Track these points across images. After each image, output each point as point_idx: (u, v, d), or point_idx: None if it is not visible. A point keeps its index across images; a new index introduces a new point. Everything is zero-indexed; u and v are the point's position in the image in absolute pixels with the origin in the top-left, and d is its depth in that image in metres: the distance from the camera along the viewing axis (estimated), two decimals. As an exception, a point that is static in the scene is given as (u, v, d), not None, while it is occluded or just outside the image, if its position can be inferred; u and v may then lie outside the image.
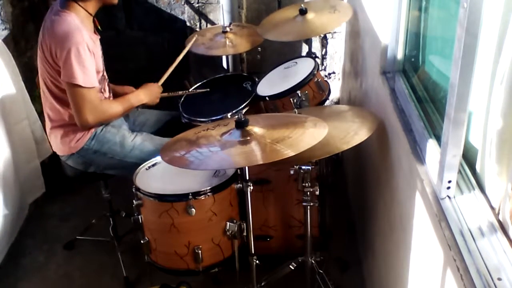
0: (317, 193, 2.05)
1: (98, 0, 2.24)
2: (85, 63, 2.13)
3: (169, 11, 3.39)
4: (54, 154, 2.49)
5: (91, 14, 2.25)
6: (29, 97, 2.89)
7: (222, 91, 2.68)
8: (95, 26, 2.31)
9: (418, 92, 1.90)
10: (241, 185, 2.01)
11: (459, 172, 1.45)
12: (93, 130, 2.35)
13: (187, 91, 2.65)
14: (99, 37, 2.33)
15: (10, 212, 2.71)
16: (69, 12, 2.17)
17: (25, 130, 2.87)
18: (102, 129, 2.37)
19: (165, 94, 2.54)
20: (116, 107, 2.31)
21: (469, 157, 1.50)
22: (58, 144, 2.38)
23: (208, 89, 2.65)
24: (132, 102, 2.38)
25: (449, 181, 1.41)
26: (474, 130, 1.45)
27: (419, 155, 1.66)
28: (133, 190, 2.07)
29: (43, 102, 2.37)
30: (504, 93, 1.24)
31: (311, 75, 2.42)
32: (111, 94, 2.45)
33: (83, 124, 2.23)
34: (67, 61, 2.11)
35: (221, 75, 2.87)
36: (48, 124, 2.40)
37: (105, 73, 2.38)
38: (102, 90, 2.33)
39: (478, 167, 1.44)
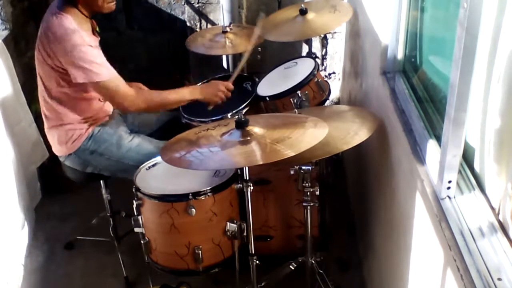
0: (317, 193, 2.05)
1: (93, 8, 2.21)
2: (92, 58, 2.12)
3: (169, 11, 3.39)
4: (53, 154, 2.49)
5: (87, 16, 2.24)
6: (30, 98, 2.89)
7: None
8: (93, 28, 2.30)
9: (418, 92, 1.90)
10: (241, 185, 2.01)
11: (459, 172, 1.45)
12: (90, 130, 2.34)
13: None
14: (98, 38, 2.32)
15: (24, 213, 2.73)
16: (66, 14, 2.15)
17: (22, 132, 2.87)
18: (100, 129, 2.36)
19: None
20: (162, 94, 2.29)
21: (467, 157, 1.50)
22: (55, 144, 2.38)
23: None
24: (183, 94, 2.35)
25: (449, 181, 1.41)
26: (471, 129, 1.45)
27: (419, 155, 1.66)
28: (133, 190, 2.07)
29: (40, 102, 2.37)
30: (501, 92, 1.24)
31: (311, 75, 2.42)
32: None
33: (130, 110, 2.25)
34: (74, 64, 2.11)
35: (221, 75, 2.87)
36: (45, 124, 2.39)
37: None
38: None
39: (477, 167, 1.44)
